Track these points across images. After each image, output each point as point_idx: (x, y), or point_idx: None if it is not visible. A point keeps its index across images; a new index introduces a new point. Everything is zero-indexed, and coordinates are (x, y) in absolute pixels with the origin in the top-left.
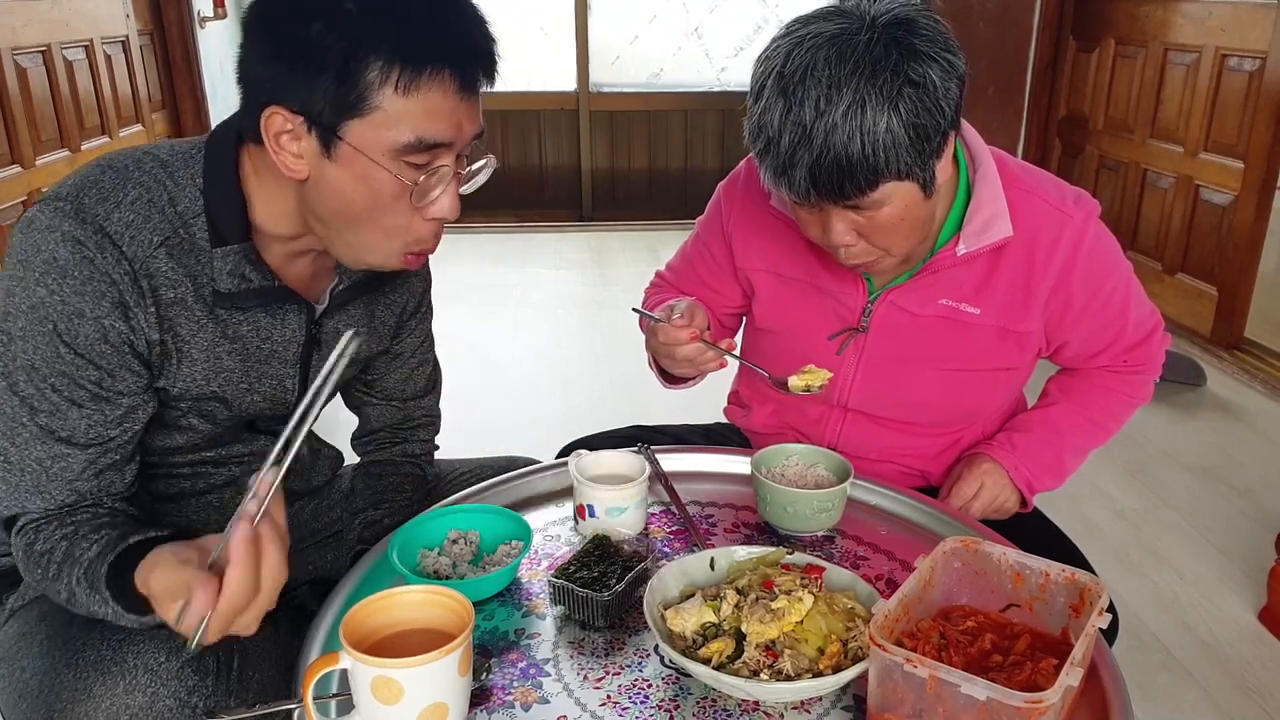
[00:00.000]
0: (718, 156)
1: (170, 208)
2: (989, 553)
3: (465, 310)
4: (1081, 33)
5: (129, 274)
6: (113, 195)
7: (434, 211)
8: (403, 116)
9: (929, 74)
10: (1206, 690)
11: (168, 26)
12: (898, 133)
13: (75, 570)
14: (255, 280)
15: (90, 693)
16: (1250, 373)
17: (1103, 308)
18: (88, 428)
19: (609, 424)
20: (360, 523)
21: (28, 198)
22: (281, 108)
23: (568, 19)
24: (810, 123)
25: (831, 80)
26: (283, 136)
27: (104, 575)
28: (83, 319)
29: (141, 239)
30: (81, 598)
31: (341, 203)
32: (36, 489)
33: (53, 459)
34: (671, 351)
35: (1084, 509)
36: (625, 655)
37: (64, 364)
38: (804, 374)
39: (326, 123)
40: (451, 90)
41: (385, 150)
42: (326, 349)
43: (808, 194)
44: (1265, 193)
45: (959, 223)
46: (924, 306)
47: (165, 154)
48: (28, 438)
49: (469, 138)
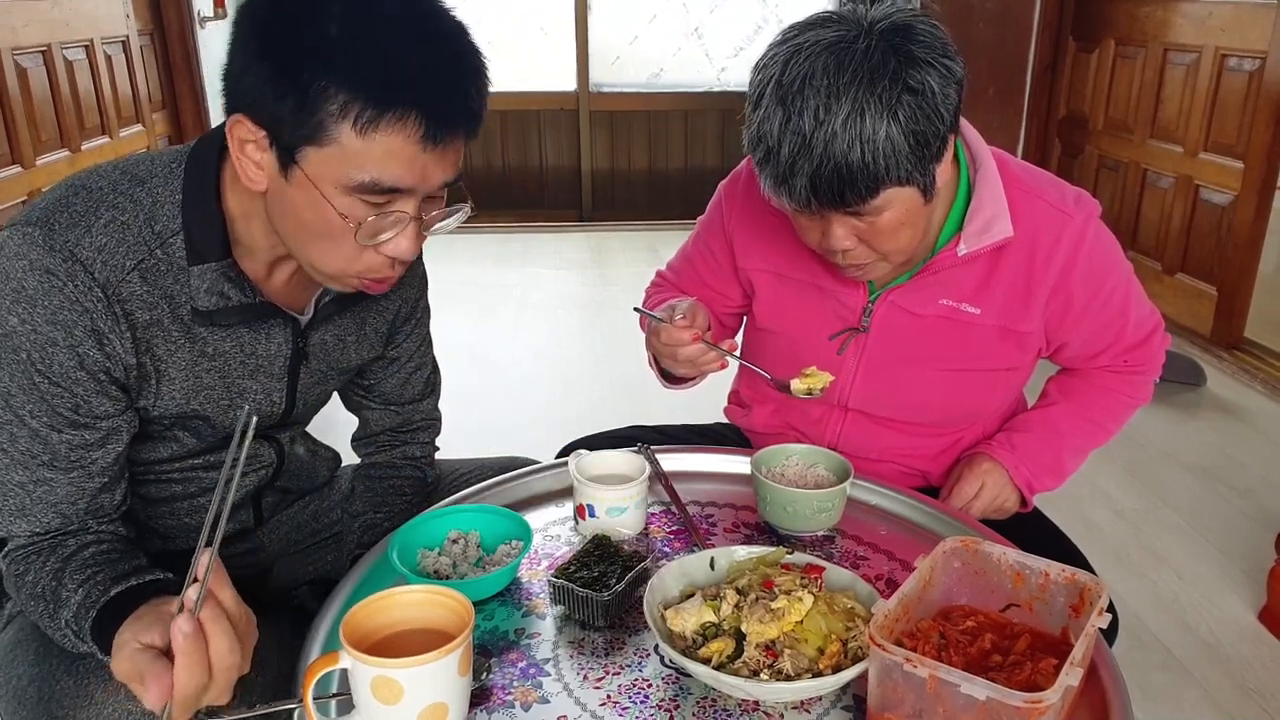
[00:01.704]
0: (718, 156)
1: (147, 228)
2: (989, 553)
3: (465, 310)
4: (1081, 33)
5: (101, 300)
6: (84, 219)
7: (388, 250)
8: (359, 155)
9: (927, 80)
10: (1206, 690)
11: (168, 26)
12: (897, 140)
13: (64, 613)
14: (235, 297)
15: (91, 699)
16: (1250, 373)
17: (1103, 308)
18: (68, 451)
19: (609, 424)
20: (360, 526)
21: (28, 198)
22: (247, 117)
23: (568, 19)
24: (810, 132)
25: (830, 89)
26: (247, 145)
27: (88, 632)
28: (56, 347)
29: (114, 263)
30: (73, 641)
31: (296, 223)
32: (21, 512)
33: (35, 483)
34: (673, 352)
35: (1084, 509)
36: (625, 655)
37: (40, 392)
38: (805, 377)
39: (285, 144)
40: (415, 137)
41: (338, 184)
42: (315, 361)
43: (809, 202)
44: (1265, 193)
45: (959, 223)
46: (924, 306)
47: (144, 170)
48: (8, 463)
49: (436, 185)
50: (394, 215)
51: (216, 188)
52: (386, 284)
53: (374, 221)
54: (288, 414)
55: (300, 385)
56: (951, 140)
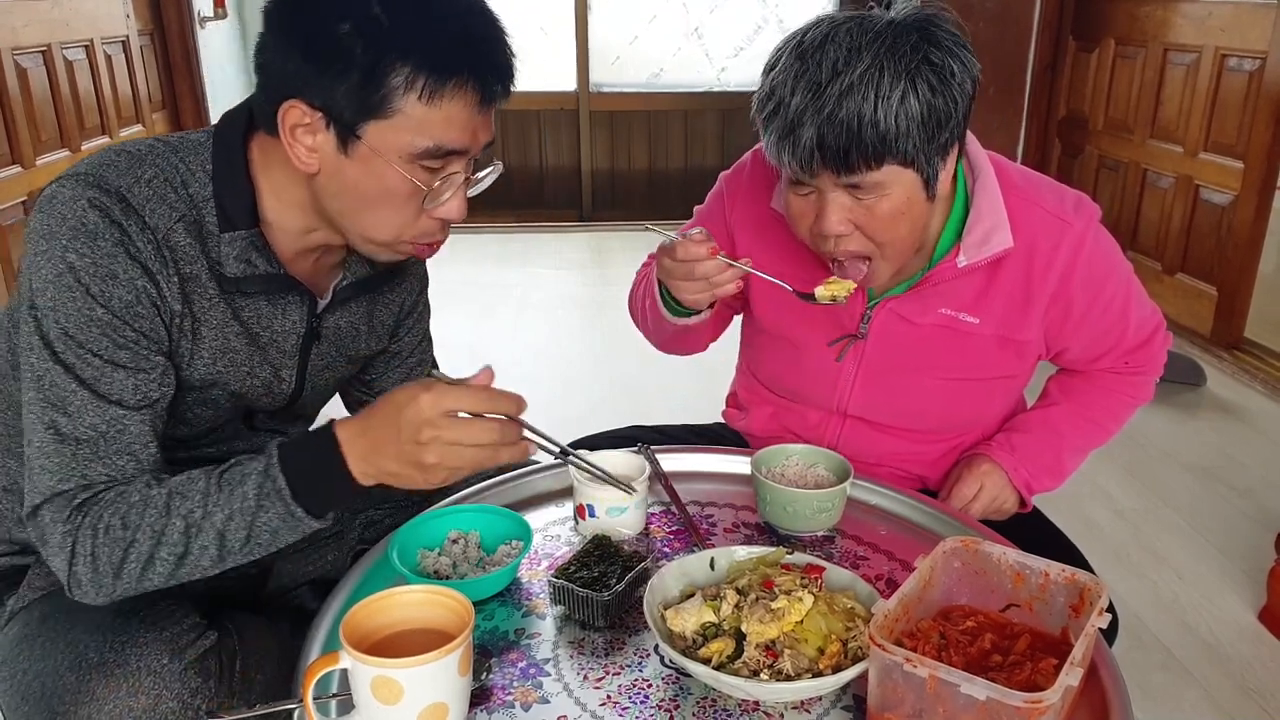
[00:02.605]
0: (718, 156)
1: (183, 189)
2: (989, 553)
3: (465, 310)
4: (1081, 33)
5: (153, 243)
6: (130, 172)
7: (441, 213)
8: (423, 123)
9: (948, 62)
10: (1206, 690)
11: (168, 26)
12: (912, 108)
13: (216, 496)
14: (261, 266)
15: (93, 695)
16: (1250, 373)
17: (1103, 313)
18: (135, 387)
19: (609, 424)
20: (361, 523)
21: (28, 197)
22: (301, 101)
23: (568, 19)
24: (825, 81)
25: (853, 46)
26: (298, 130)
27: (279, 478)
28: (115, 281)
29: (161, 213)
30: (218, 520)
31: (354, 197)
32: (96, 457)
33: (108, 423)
34: (690, 270)
35: (1084, 509)
36: (625, 655)
37: (100, 326)
38: (829, 284)
39: (346, 121)
40: (472, 102)
41: (402, 153)
42: (327, 344)
43: (810, 160)
44: (1265, 193)
45: (958, 233)
46: (923, 315)
47: (175, 141)
48: (79, 405)
49: (482, 146)
50: (450, 178)
51: (244, 164)
52: (435, 247)
53: (436, 186)
54: (295, 397)
55: (310, 367)
56: (957, 145)
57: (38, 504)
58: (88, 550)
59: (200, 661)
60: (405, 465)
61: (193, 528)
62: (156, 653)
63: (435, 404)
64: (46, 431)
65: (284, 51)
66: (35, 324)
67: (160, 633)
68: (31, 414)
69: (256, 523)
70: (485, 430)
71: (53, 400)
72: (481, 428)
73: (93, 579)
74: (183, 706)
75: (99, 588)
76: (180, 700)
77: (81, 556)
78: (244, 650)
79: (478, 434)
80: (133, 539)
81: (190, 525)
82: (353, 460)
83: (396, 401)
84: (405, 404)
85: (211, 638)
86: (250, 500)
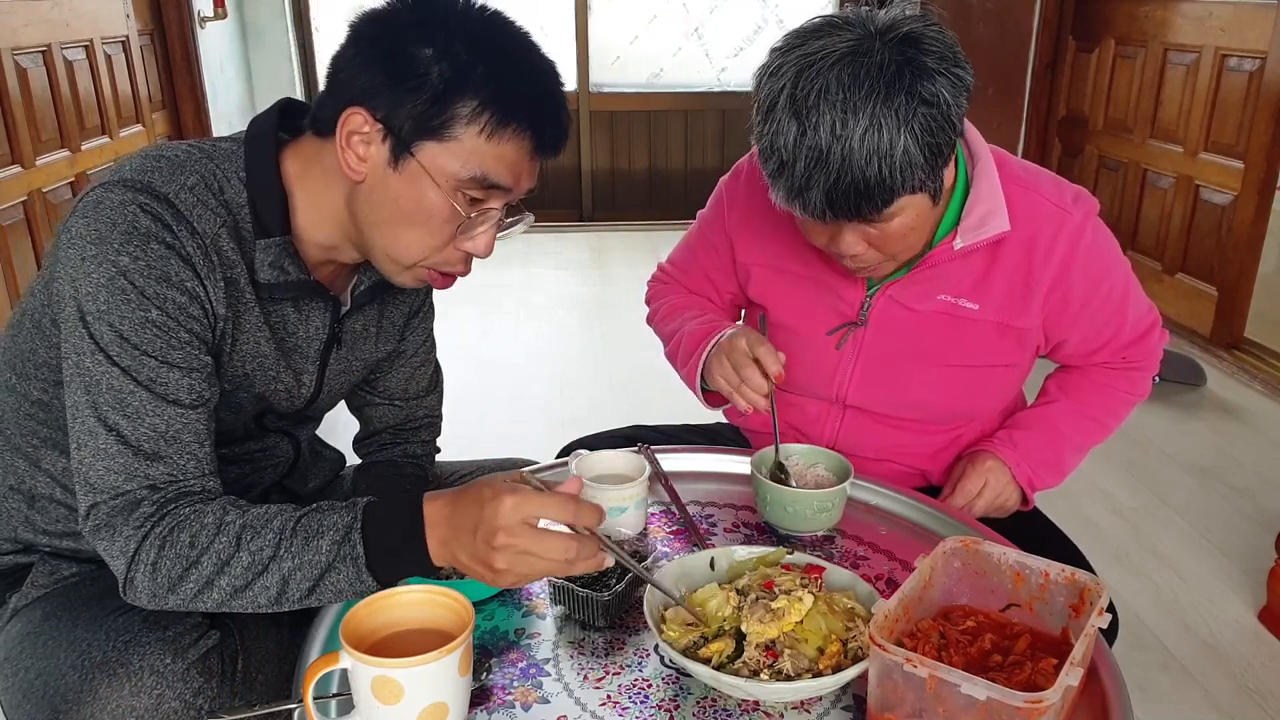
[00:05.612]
0: (718, 156)
1: (220, 195)
2: (989, 553)
3: (465, 311)
4: (1081, 33)
5: (201, 249)
6: (175, 179)
7: (470, 246)
8: (476, 153)
9: (941, 93)
10: (1206, 690)
11: (168, 26)
12: (913, 153)
13: (290, 543)
14: (293, 273)
15: (96, 694)
16: (1250, 373)
17: (1101, 305)
18: (189, 387)
19: (609, 424)
20: None
21: (28, 198)
22: (364, 109)
23: (568, 19)
24: (826, 147)
25: (846, 104)
26: (354, 137)
27: (359, 544)
28: (169, 283)
29: (207, 219)
30: (286, 567)
31: (393, 211)
32: (159, 456)
33: (167, 423)
34: (743, 393)
35: (1084, 508)
36: (625, 655)
37: (155, 328)
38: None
39: (404, 137)
40: (526, 149)
41: (450, 177)
42: (345, 349)
43: (823, 214)
44: (1265, 193)
45: (957, 217)
46: (922, 301)
47: (209, 147)
48: (138, 406)
49: (523, 191)
50: (488, 214)
51: (277, 172)
52: (451, 281)
53: (474, 217)
54: (312, 401)
55: (329, 372)
56: (957, 143)
57: (96, 503)
58: (150, 559)
59: (203, 661)
60: (476, 563)
61: (258, 565)
62: (159, 652)
63: (515, 510)
64: (109, 434)
65: (363, 63)
66: (85, 329)
67: (163, 632)
68: (87, 417)
69: (324, 580)
70: (560, 547)
71: (111, 403)
72: (556, 543)
73: (148, 587)
74: (185, 706)
75: (153, 596)
76: (183, 700)
77: (143, 564)
78: (246, 650)
79: (551, 549)
80: (197, 559)
81: (256, 563)
82: (433, 542)
83: (482, 496)
84: (488, 501)
85: (214, 637)
86: (323, 556)
